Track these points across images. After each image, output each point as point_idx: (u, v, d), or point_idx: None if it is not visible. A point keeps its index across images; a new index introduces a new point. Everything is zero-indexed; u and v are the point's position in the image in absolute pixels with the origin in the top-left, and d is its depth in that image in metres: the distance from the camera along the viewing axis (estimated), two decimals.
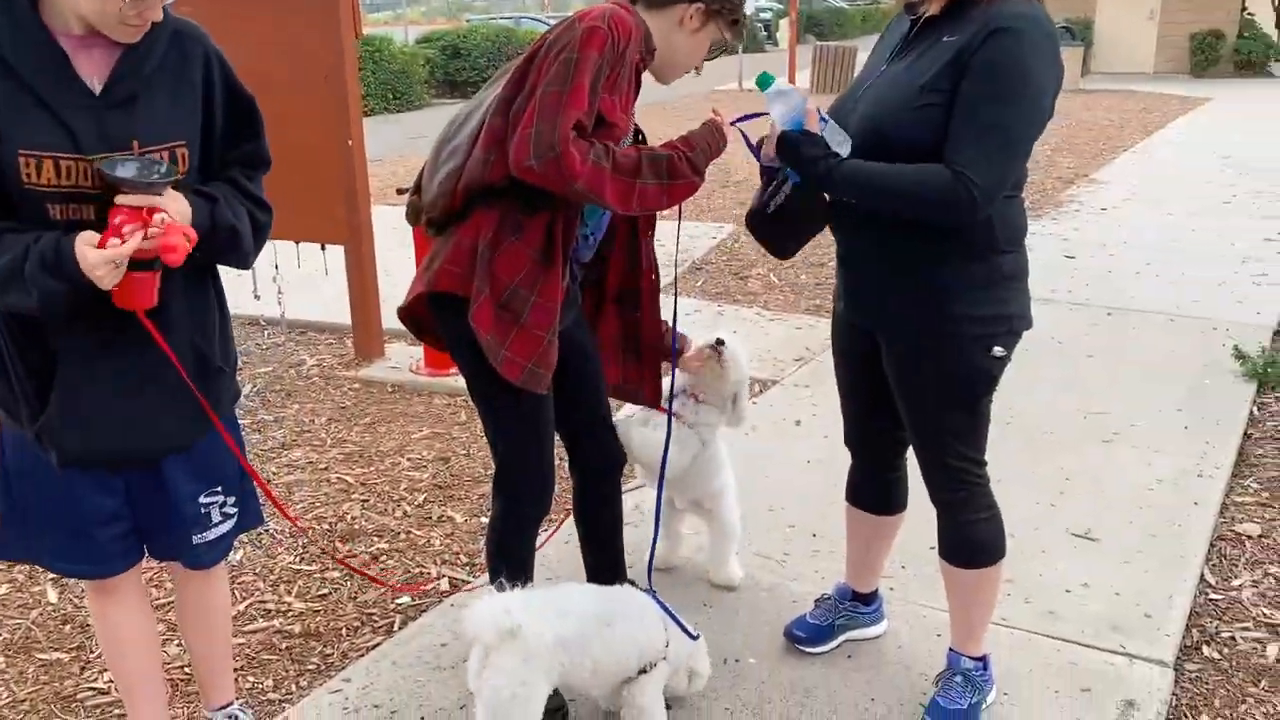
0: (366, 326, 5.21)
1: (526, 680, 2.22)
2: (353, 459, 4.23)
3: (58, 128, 1.87)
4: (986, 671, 2.61)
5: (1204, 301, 5.97)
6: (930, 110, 2.14)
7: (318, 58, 4.60)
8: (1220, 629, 3.06)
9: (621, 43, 2.23)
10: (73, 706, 2.79)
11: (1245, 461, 4.08)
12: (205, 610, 2.40)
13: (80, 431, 2.02)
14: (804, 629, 2.89)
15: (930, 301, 2.29)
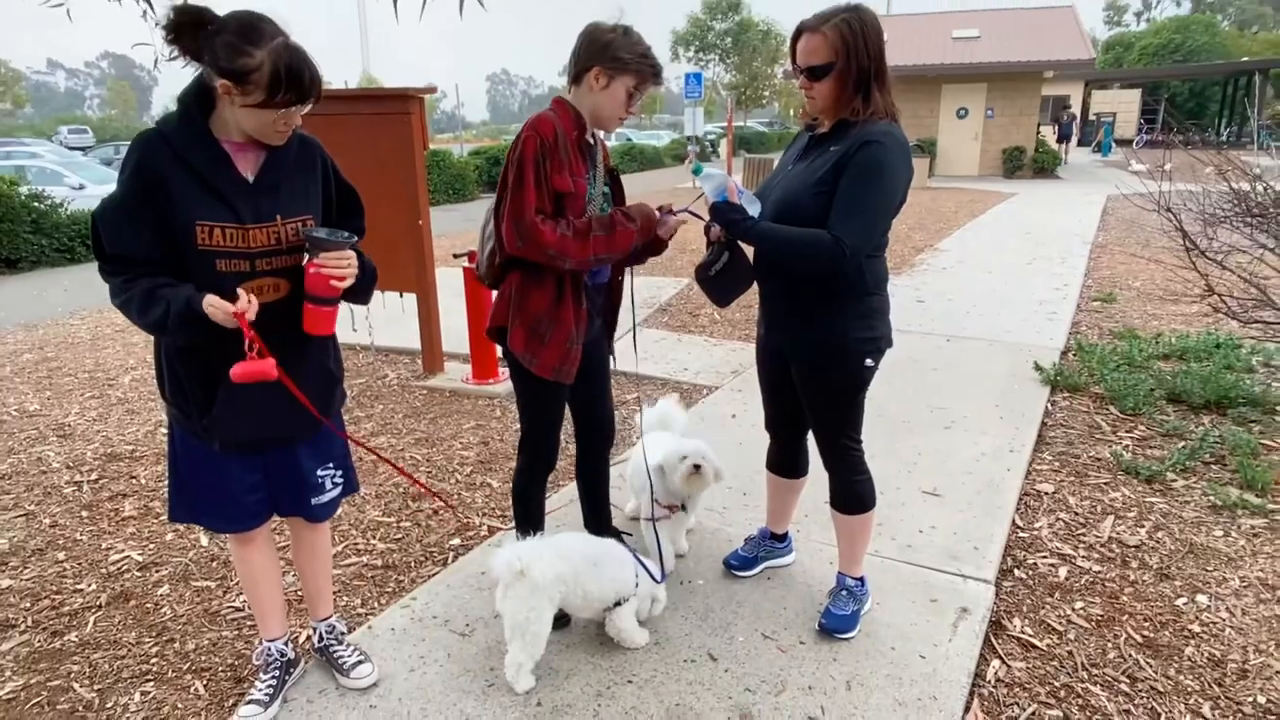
0: (431, 350, 5.15)
1: (534, 606, 2.24)
2: (420, 443, 4.18)
3: (223, 205, 1.87)
4: (864, 588, 2.61)
5: (1013, 331, 5.99)
6: (821, 196, 2.19)
7: (398, 163, 4.58)
8: (1026, 557, 3.05)
9: (547, 139, 2.25)
10: (217, 620, 2.74)
11: (1043, 441, 4.08)
12: (314, 551, 2.36)
13: (237, 425, 2.01)
14: (736, 559, 2.87)
15: (823, 329, 2.32)
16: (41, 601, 2.84)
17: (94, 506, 3.54)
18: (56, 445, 4.22)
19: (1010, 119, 20.47)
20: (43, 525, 3.38)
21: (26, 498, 3.63)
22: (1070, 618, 2.69)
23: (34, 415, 4.69)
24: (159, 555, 3.14)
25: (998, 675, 2.43)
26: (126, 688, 2.41)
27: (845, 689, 2.31)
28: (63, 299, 8.07)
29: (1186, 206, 4.74)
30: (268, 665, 2.30)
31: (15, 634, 2.66)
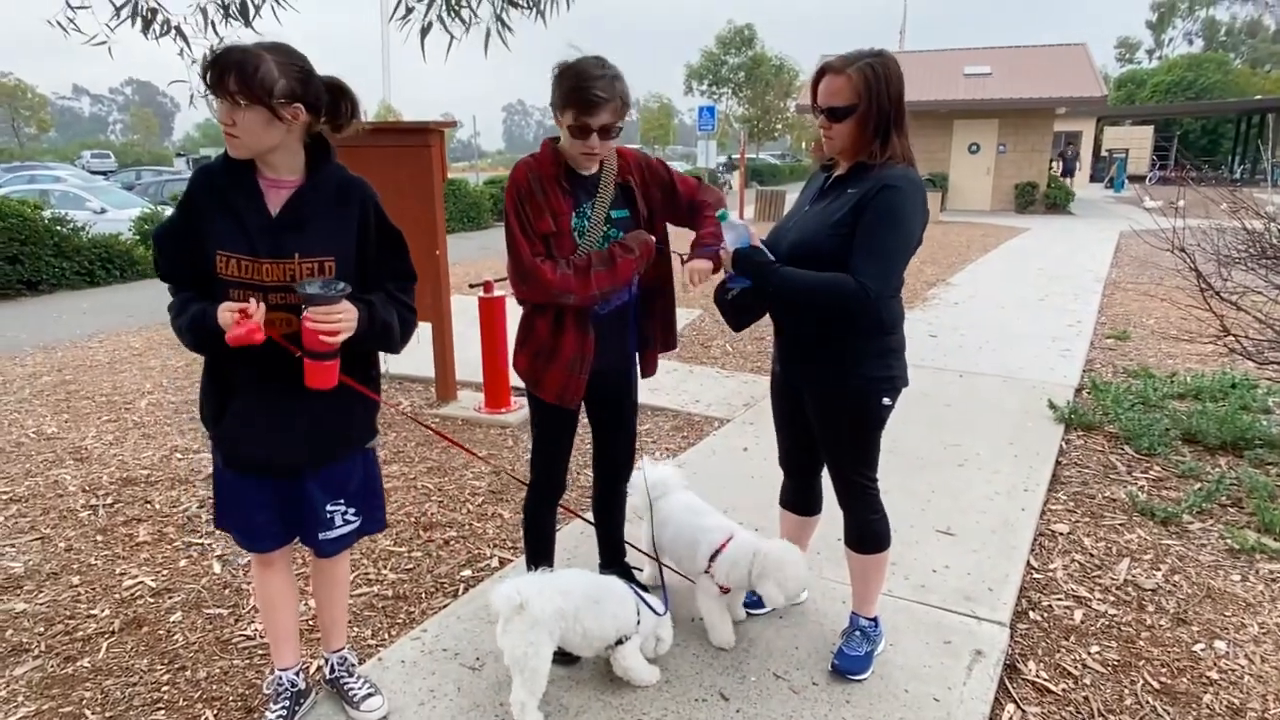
0: (444, 379, 5.19)
1: (533, 641, 2.25)
2: (432, 472, 4.19)
3: (242, 237, 1.92)
4: (878, 628, 2.59)
5: (1027, 368, 5.98)
6: (838, 237, 2.21)
7: (417, 194, 4.66)
8: (1041, 599, 3.02)
9: (521, 186, 2.36)
10: (229, 649, 2.74)
11: (1057, 480, 4.06)
12: (329, 582, 2.36)
13: (238, 444, 2.05)
14: (750, 598, 2.82)
15: (840, 367, 2.32)
16: (55, 626, 2.86)
17: (109, 531, 3.56)
18: (73, 468, 4.26)
19: (1022, 154, 20.58)
20: (58, 549, 3.41)
21: (42, 521, 3.66)
22: (1086, 662, 2.66)
23: (51, 438, 4.73)
24: (172, 581, 3.15)
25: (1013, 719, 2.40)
26: (138, 716, 2.41)
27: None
28: (82, 322, 8.18)
29: (1200, 246, 4.74)
30: (278, 695, 2.30)
31: (29, 658, 2.68)
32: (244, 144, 1.89)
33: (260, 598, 2.28)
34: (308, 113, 1.93)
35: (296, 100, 1.89)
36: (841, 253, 2.18)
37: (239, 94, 1.81)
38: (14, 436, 4.77)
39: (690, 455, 4.35)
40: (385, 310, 2.04)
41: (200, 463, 4.31)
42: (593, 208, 2.41)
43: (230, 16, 3.19)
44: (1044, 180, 20.41)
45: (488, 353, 4.91)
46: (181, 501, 3.85)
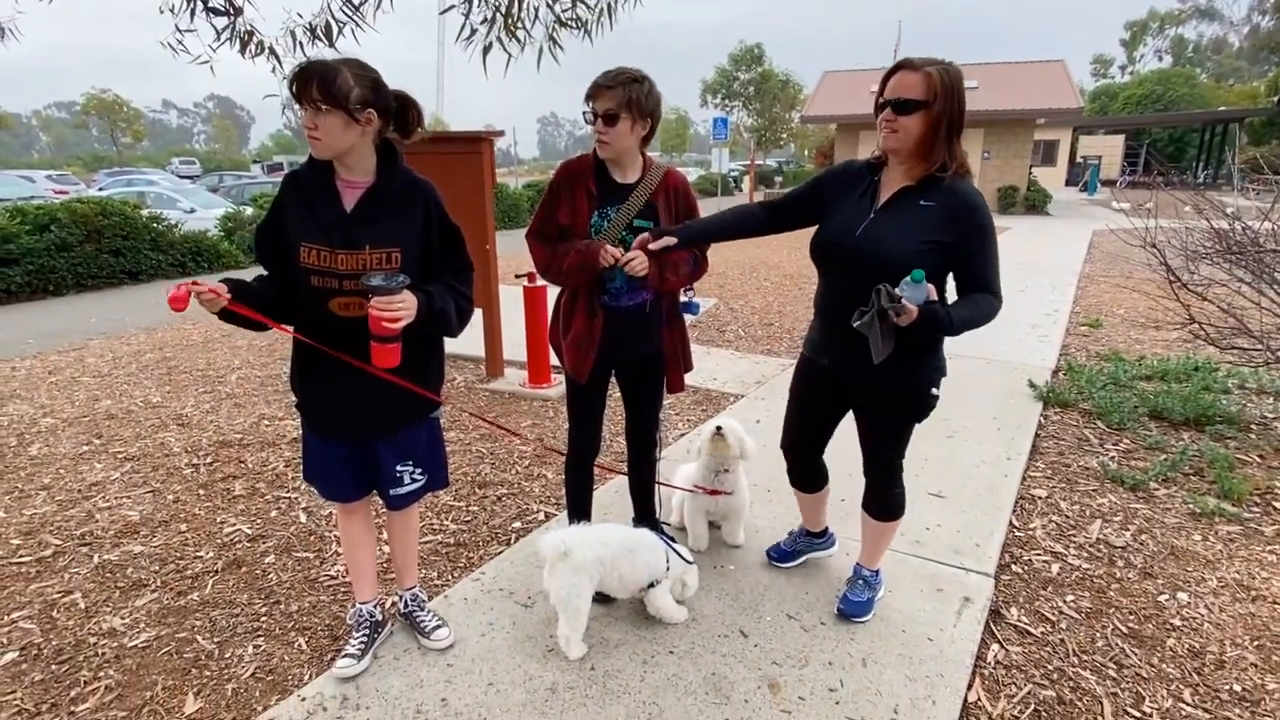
0: (493, 357, 5.24)
1: (575, 583, 2.29)
2: (485, 438, 4.25)
3: (320, 231, 1.95)
4: (879, 578, 2.61)
5: (1009, 352, 5.93)
6: (927, 253, 2.07)
7: (470, 195, 4.70)
8: (1022, 554, 3.02)
9: (556, 182, 2.44)
10: (316, 586, 2.82)
11: (1037, 451, 4.04)
12: (400, 530, 2.42)
13: (318, 414, 2.11)
14: (777, 552, 2.86)
15: (909, 363, 2.19)
16: (168, 565, 2.95)
17: (209, 486, 3.66)
18: (176, 433, 4.37)
19: (1005, 161, 20.22)
20: (167, 501, 3.51)
21: (153, 477, 3.77)
22: (1062, 609, 2.67)
23: (156, 406, 4.85)
24: (265, 529, 3.24)
25: (997, 658, 2.42)
26: (241, 641, 2.49)
27: (861, 665, 2.32)
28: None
29: (1170, 242, 4.67)
30: (359, 625, 2.37)
31: (147, 592, 2.77)
32: (325, 145, 1.92)
33: (344, 541, 2.35)
34: (379, 118, 1.97)
35: (369, 106, 1.93)
36: (925, 265, 1.99)
37: (321, 100, 1.85)
38: (125, 405, 4.89)
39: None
40: (443, 299, 2.05)
41: (284, 428, 4.40)
42: (616, 212, 2.37)
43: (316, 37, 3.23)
44: (1024, 185, 20.06)
45: (530, 335, 4.95)
46: (270, 462, 3.94)
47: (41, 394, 5.11)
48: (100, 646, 2.46)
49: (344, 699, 2.19)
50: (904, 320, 1.94)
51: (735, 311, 7.62)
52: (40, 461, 3.95)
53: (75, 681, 2.30)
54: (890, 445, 2.37)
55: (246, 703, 2.21)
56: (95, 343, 6.69)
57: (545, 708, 2.15)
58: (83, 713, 2.17)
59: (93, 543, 3.12)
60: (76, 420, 4.58)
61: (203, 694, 2.25)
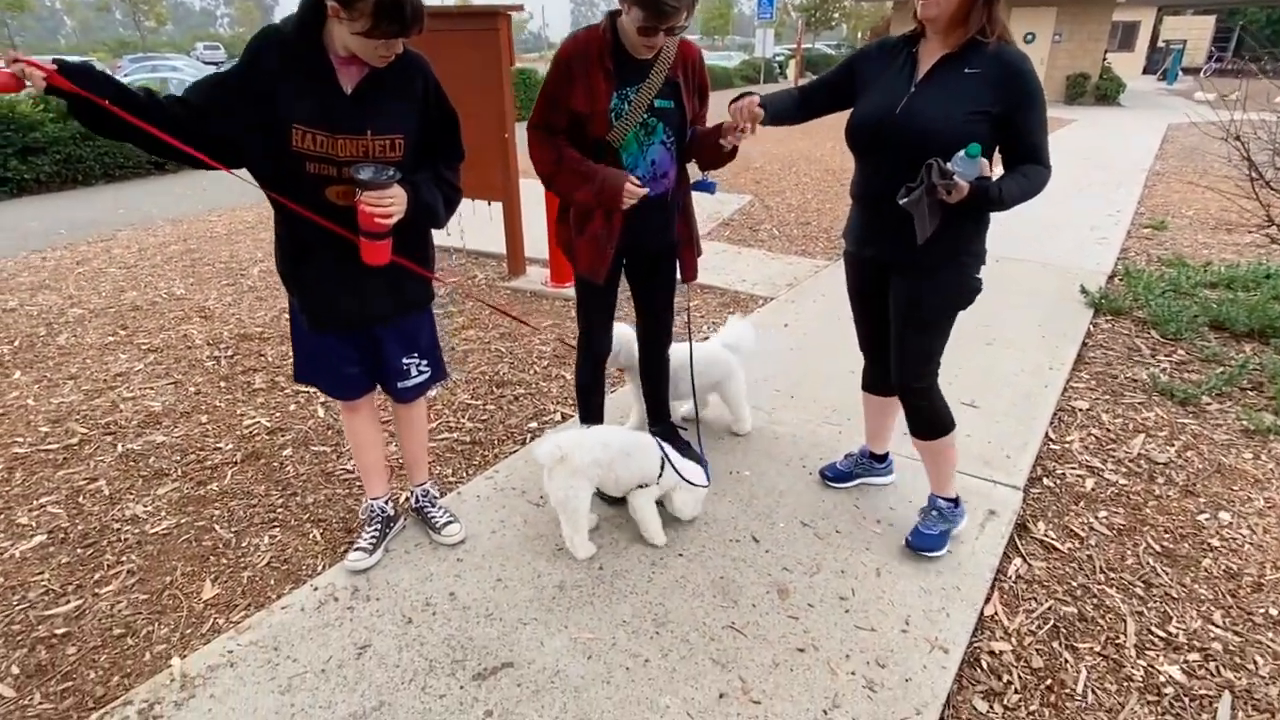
0: (514, 254, 5.12)
1: (573, 486, 2.28)
2: (504, 337, 4.20)
3: (320, 114, 1.81)
4: (958, 509, 2.40)
5: (1063, 255, 5.60)
6: (974, 122, 1.89)
7: (486, 77, 4.43)
8: (1055, 468, 2.92)
9: (562, 66, 2.17)
10: (332, 480, 2.86)
11: (1082, 361, 3.85)
12: (409, 425, 2.40)
13: (318, 306, 2.03)
14: (832, 471, 2.72)
15: (954, 244, 2.03)
16: (189, 456, 3.02)
17: (230, 379, 3.70)
18: (199, 325, 4.41)
19: (1078, 44, 18.62)
20: (189, 392, 3.56)
21: (175, 368, 3.82)
22: (1093, 525, 2.59)
23: (180, 299, 4.88)
24: (283, 422, 3.28)
25: (1019, 572, 2.37)
26: (258, 531, 2.56)
27: (875, 575, 2.29)
28: (203, 198, 8.28)
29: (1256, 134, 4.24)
30: (371, 519, 2.40)
31: (169, 481, 2.84)
32: None
33: (350, 438, 2.34)
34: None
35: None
36: (974, 137, 1.84)
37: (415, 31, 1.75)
38: (149, 296, 4.93)
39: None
40: (431, 191, 1.95)
41: None
42: (636, 93, 2.18)
43: None
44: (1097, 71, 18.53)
45: (553, 231, 4.77)
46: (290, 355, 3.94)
47: (69, 284, 5.18)
48: (123, 533, 2.54)
49: (355, 590, 2.24)
50: (955, 197, 1.82)
51: (770, 209, 7.30)
52: (68, 351, 4.03)
53: (99, 565, 2.39)
54: (918, 339, 2.17)
55: (262, 590, 2.28)
56: (123, 234, 6.72)
57: (552, 604, 2.17)
58: (107, 594, 2.27)
59: (117, 432, 3.19)
60: (103, 311, 4.64)
61: (220, 580, 2.33)
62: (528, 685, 1.91)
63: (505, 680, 1.93)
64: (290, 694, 1.89)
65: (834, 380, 3.50)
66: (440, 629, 2.09)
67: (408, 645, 2.04)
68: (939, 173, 1.77)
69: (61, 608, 2.21)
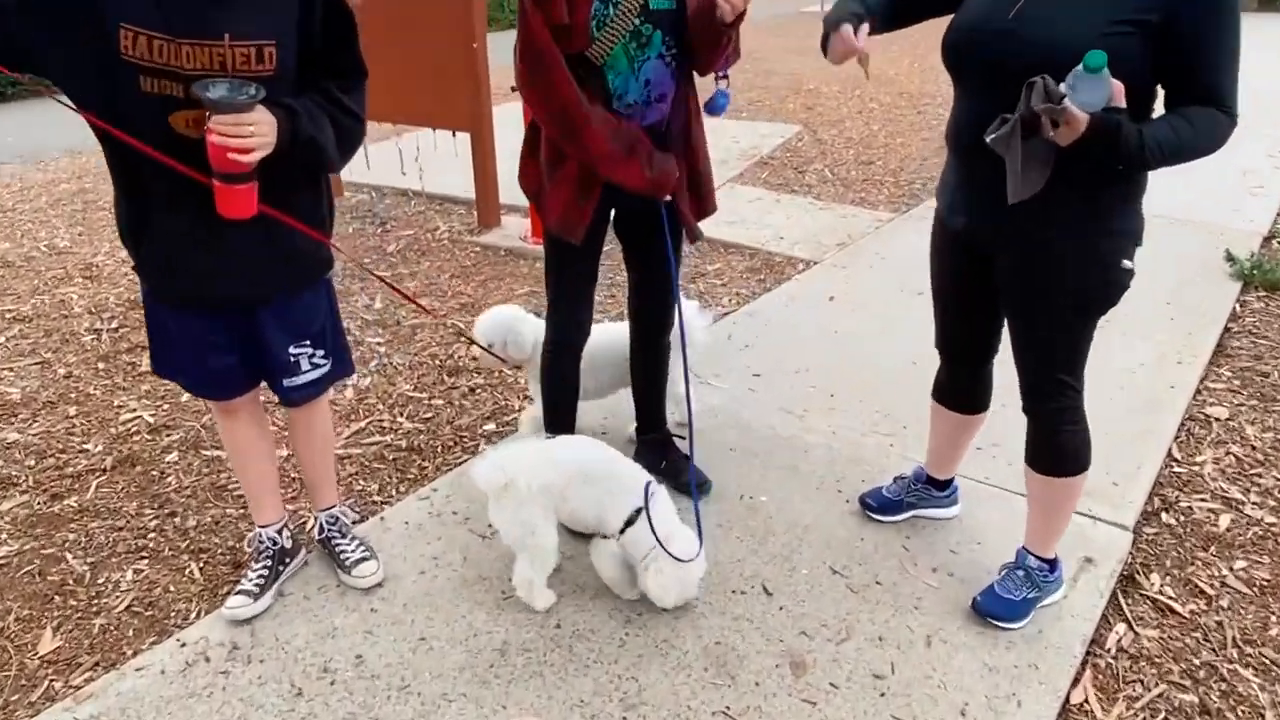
0: (485, 201, 4.96)
1: (525, 519, 2.14)
2: (466, 309, 4.06)
3: (155, 10, 1.65)
4: (1053, 575, 2.20)
5: (1205, 207, 5.31)
6: (1120, 38, 1.61)
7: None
8: (1180, 499, 2.72)
9: None
10: (223, 496, 2.75)
11: (1222, 352, 3.61)
12: (307, 434, 2.27)
13: (162, 273, 1.90)
14: (876, 499, 2.55)
15: (1091, 221, 1.80)
16: (46, 460, 2.93)
17: (111, 359, 3.60)
18: (81, 286, 4.32)
19: None
20: (57, 375, 3.48)
21: (45, 344, 3.74)
22: (1226, 580, 2.40)
23: (63, 252, 4.81)
24: (171, 418, 3.17)
25: (1121, 644, 2.19)
26: (120, 563, 2.45)
27: (924, 645, 2.12)
28: None
29: None
30: (259, 554, 2.28)
31: (16, 493, 2.75)
32: None
33: (229, 449, 2.22)
34: None
35: None
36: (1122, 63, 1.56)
37: None
38: (25, 249, 4.86)
39: (764, 302, 4.05)
40: (314, 120, 1.78)
41: None
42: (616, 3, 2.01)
43: None
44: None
45: None
46: None
47: None
48: None
49: (233, 647, 2.12)
50: (1064, 135, 1.57)
51: (824, 144, 7.05)
52: None
53: None
54: (1053, 350, 1.95)
55: (115, 644, 2.18)
56: (8, 168, 6.68)
57: (489, 675, 2.04)
58: None
59: None
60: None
61: (64, 629, 2.23)
62: None
63: None
64: None
65: (889, 376, 3.31)
66: (339, 706, 1.97)
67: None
68: (1041, 95, 1.55)
69: None
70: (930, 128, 7.50)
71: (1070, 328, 1.94)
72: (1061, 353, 1.97)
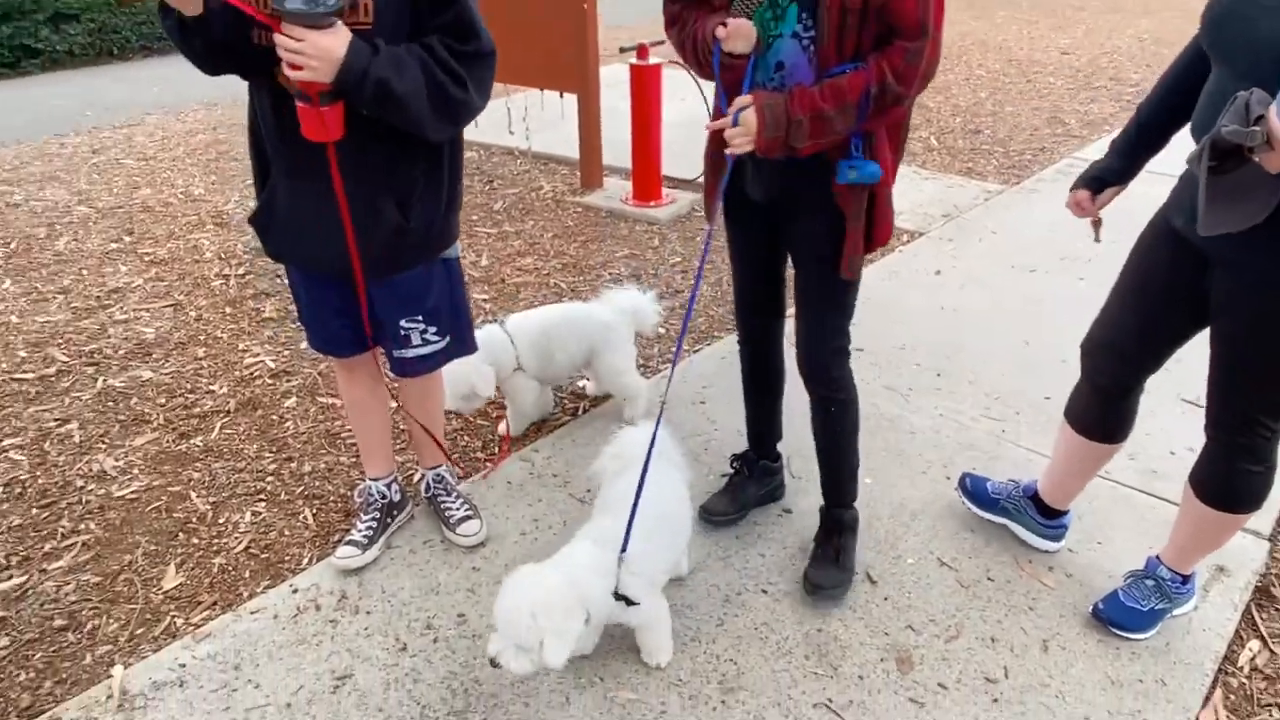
0: (590, 162, 4.78)
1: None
2: (568, 269, 3.92)
3: None
4: (1186, 588, 1.95)
5: None
6: None
7: None
8: None
9: None
10: (337, 444, 2.70)
11: None
12: (416, 398, 2.16)
13: (275, 234, 1.81)
14: (975, 486, 2.28)
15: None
16: (175, 399, 2.93)
17: (237, 304, 3.61)
18: (212, 233, 4.35)
19: None
20: (188, 317, 3.50)
21: (178, 286, 3.77)
22: None
23: (197, 200, 4.86)
24: (291, 364, 3.15)
25: (1255, 663, 1.93)
26: (240, 505, 2.43)
27: (1040, 650, 1.91)
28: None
29: None
30: (368, 505, 2.22)
31: (148, 430, 2.76)
32: None
33: (345, 402, 2.15)
34: None
35: None
36: None
37: None
38: (164, 196, 4.93)
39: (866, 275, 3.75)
40: (396, 65, 1.53)
41: None
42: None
43: None
44: None
45: (638, 133, 4.40)
46: None
47: (81, 178, 5.26)
48: (87, 492, 2.47)
49: (342, 596, 2.07)
50: (1272, 161, 1.26)
51: (929, 111, 6.59)
52: (65, 259, 4.06)
53: (53, 533, 2.32)
54: (1262, 391, 1.65)
55: (232, 584, 2.15)
56: (151, 118, 6.81)
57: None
58: (55, 572, 2.19)
59: (100, 363, 3.15)
60: (110, 212, 4.67)
61: (186, 566, 2.21)
62: None
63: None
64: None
65: (1000, 357, 3.04)
66: (441, 664, 1.89)
67: (397, 682, 1.85)
68: (1237, 114, 1.25)
69: (2, 584, 2.15)
70: (1040, 95, 6.95)
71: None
72: (1266, 389, 1.65)
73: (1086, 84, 7.35)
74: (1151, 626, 1.94)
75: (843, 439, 2.05)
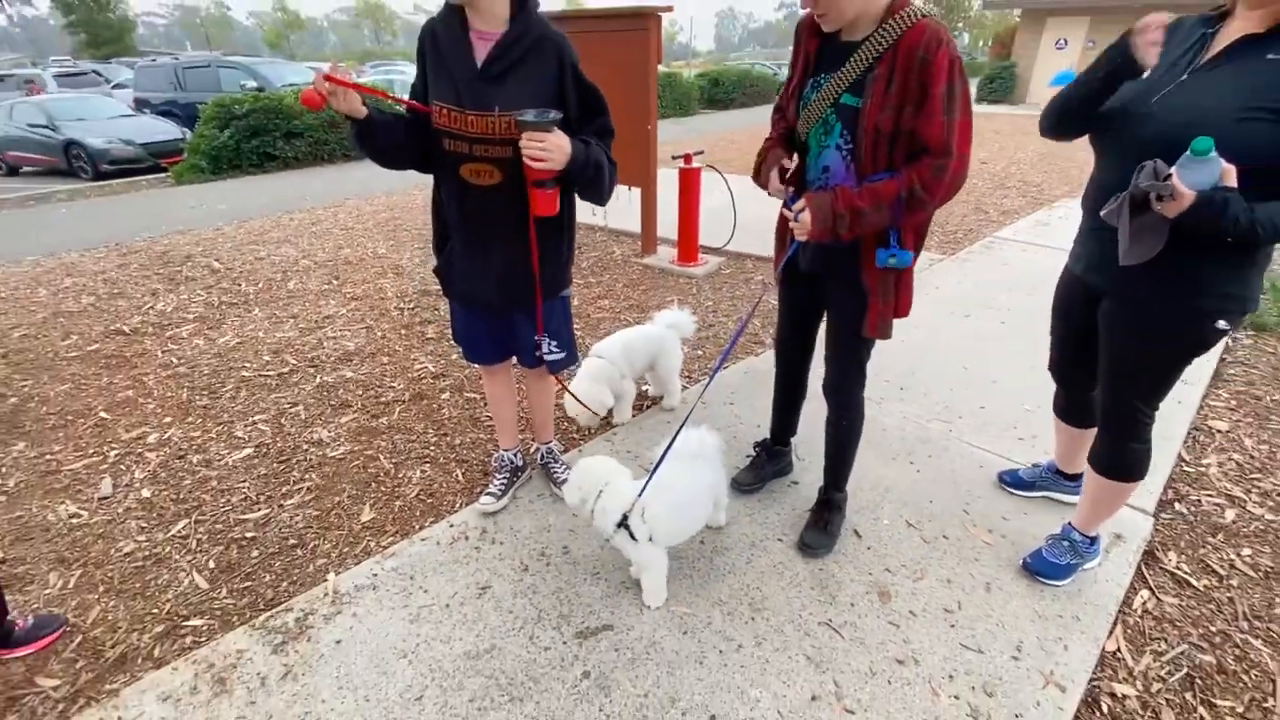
0: (648, 234, 4.78)
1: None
2: (632, 308, 3.91)
3: (451, 89, 1.54)
4: (1093, 547, 1.88)
5: None
6: (1253, 124, 1.25)
7: (634, 72, 4.06)
8: (1189, 493, 2.27)
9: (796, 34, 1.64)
10: (478, 424, 2.71)
11: (1219, 378, 3.03)
12: (538, 390, 2.17)
13: (454, 280, 1.81)
14: (1013, 478, 2.20)
15: (1193, 284, 1.43)
16: (369, 391, 2.98)
17: (409, 328, 3.67)
18: (391, 280, 4.44)
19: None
20: (375, 336, 3.56)
21: (369, 315, 3.85)
22: (1234, 563, 1.97)
23: (381, 257, 4.97)
24: (446, 369, 3.18)
25: (1146, 607, 1.82)
26: (413, 465, 2.45)
27: (984, 590, 1.83)
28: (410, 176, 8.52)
29: None
30: (500, 468, 2.22)
31: (350, 412, 2.81)
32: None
33: (487, 396, 2.15)
34: None
35: None
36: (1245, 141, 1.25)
37: None
38: (359, 254, 5.05)
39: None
40: (598, 155, 1.60)
41: None
42: (828, 81, 1.54)
43: None
44: None
45: (683, 215, 4.41)
46: None
47: (304, 240, 5.42)
48: (309, 453, 2.52)
49: (483, 531, 2.07)
50: (1171, 209, 1.26)
51: None
52: (294, 295, 4.18)
53: (287, 480, 2.37)
54: (1136, 387, 1.60)
55: (409, 520, 2.16)
56: (350, 202, 7.01)
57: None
58: (289, 506, 2.23)
59: (319, 365, 3.22)
60: (324, 264, 4.80)
61: (376, 506, 2.23)
62: (625, 651, 1.66)
63: (604, 643, 1.68)
64: (418, 624, 1.75)
65: (945, 377, 2.95)
66: (552, 581, 1.88)
67: (522, 592, 1.84)
68: (1149, 174, 1.23)
69: (254, 514, 2.20)
70: (967, 193, 6.79)
71: (1159, 370, 1.56)
72: (1144, 389, 1.60)
73: (1001, 184, 7.17)
74: (1068, 576, 1.85)
75: (848, 445, 1.99)
